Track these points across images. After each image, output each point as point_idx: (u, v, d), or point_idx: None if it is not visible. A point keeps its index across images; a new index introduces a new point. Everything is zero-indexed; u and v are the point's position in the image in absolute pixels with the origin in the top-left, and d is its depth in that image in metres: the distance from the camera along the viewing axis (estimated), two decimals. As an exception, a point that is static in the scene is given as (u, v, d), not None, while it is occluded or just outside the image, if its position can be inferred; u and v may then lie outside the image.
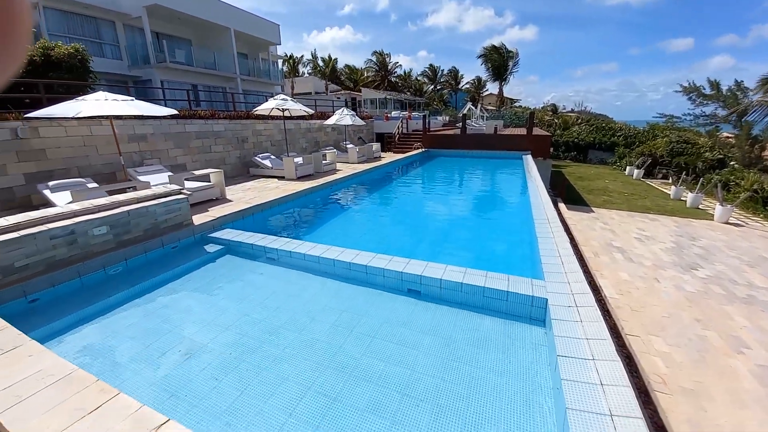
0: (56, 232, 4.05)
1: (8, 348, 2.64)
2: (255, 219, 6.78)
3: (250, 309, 3.68)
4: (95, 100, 6.16)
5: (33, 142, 7.20)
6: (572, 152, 24.71)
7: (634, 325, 5.08)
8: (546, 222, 5.52)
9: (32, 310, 3.62)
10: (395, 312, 3.56)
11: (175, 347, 3.07)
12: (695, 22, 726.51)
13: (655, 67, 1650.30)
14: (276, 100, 10.53)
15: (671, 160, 17.74)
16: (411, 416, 2.33)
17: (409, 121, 21.95)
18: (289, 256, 4.74)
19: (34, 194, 7.10)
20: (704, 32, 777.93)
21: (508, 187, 11.57)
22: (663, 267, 7.11)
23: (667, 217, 10.95)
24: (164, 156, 9.54)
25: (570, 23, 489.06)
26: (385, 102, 31.82)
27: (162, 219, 5.14)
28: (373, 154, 15.28)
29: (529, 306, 3.35)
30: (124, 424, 1.92)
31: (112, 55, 17.12)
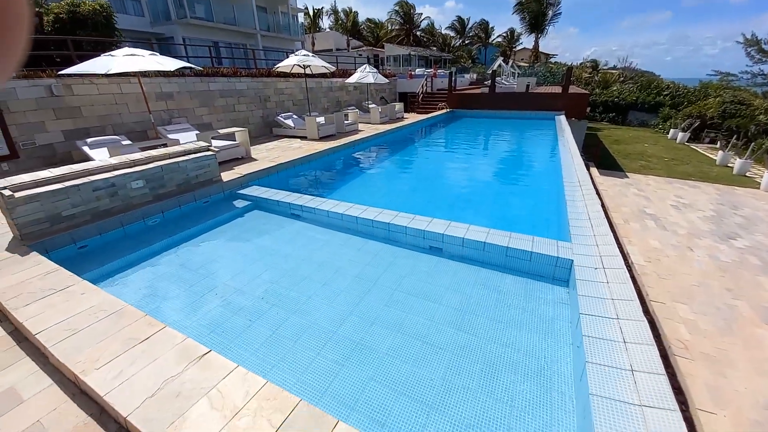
0: (98, 184, 4.29)
1: (61, 287, 2.91)
2: (280, 177, 6.90)
3: (277, 260, 3.86)
4: (124, 56, 6.21)
5: (68, 100, 7.45)
6: (611, 113, 22.99)
7: (660, 291, 4.95)
8: (577, 185, 5.29)
9: (82, 255, 3.95)
10: (417, 268, 3.64)
11: (211, 291, 3.30)
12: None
13: (714, 18, 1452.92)
14: (297, 57, 10.22)
15: (722, 123, 16.22)
16: (430, 361, 2.46)
17: (434, 79, 20.88)
18: (313, 212, 4.85)
19: (74, 150, 7.46)
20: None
21: (538, 149, 11.04)
22: (699, 236, 6.77)
23: (710, 184, 10.23)
24: (191, 115, 9.67)
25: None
26: (409, 59, 30.22)
27: (193, 175, 5.32)
28: (396, 114, 14.83)
29: (553, 266, 3.32)
30: (171, 352, 2.13)
31: (134, 12, 16.95)
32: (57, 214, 4.03)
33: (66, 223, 4.11)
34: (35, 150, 7.14)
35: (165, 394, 1.85)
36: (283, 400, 1.80)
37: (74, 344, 2.26)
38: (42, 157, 7.22)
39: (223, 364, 2.03)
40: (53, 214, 4.00)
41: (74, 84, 7.51)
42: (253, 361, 2.48)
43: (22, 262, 3.39)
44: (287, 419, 1.70)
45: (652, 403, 1.83)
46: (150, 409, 1.77)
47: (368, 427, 1.99)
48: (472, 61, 42.47)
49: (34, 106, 7.03)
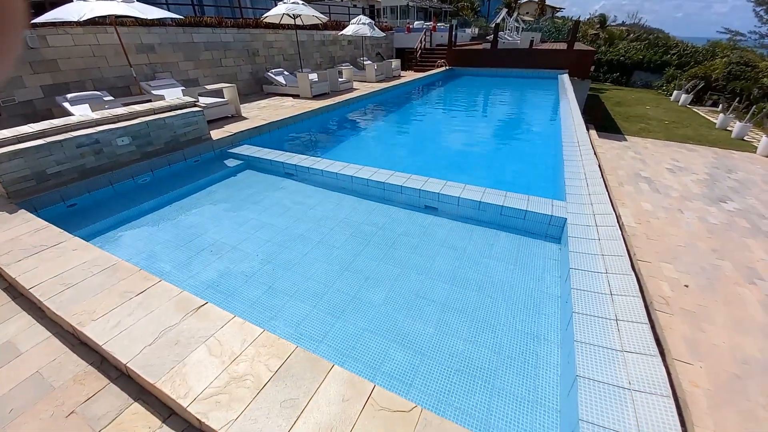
0: (82, 140, 4.13)
1: (52, 243, 2.87)
2: (272, 136, 6.70)
3: (272, 219, 3.85)
4: (97, 1, 5.72)
5: (44, 52, 6.98)
6: (615, 73, 22.21)
7: (647, 252, 5.04)
8: (575, 145, 5.22)
9: (72, 213, 3.89)
10: (412, 225, 3.65)
11: (206, 249, 3.31)
12: None
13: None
14: (286, 4, 9.51)
15: (726, 85, 15.79)
16: (423, 313, 2.54)
17: (434, 33, 19.75)
18: (307, 172, 4.76)
19: (54, 107, 7.11)
20: None
21: (540, 109, 10.75)
22: (690, 198, 6.82)
23: (707, 147, 10.16)
24: (175, 69, 9.15)
25: None
26: (407, 10, 28.35)
27: (181, 132, 5.13)
28: (393, 72, 14.17)
29: (546, 225, 3.35)
30: (168, 304, 2.17)
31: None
32: (42, 171, 3.91)
33: (53, 180, 4.00)
34: (15, 107, 6.80)
35: (163, 342, 1.90)
36: (279, 346, 1.86)
37: (70, 297, 2.27)
38: (23, 115, 6.90)
39: (219, 315, 2.08)
40: (39, 171, 3.88)
41: (49, 35, 6.99)
42: (250, 314, 2.54)
43: (11, 219, 3.32)
44: (284, 364, 1.76)
45: (634, 349, 1.93)
46: (150, 355, 1.83)
47: (363, 371, 2.09)
48: (474, 14, 39.99)
49: (8, 58, 6.59)
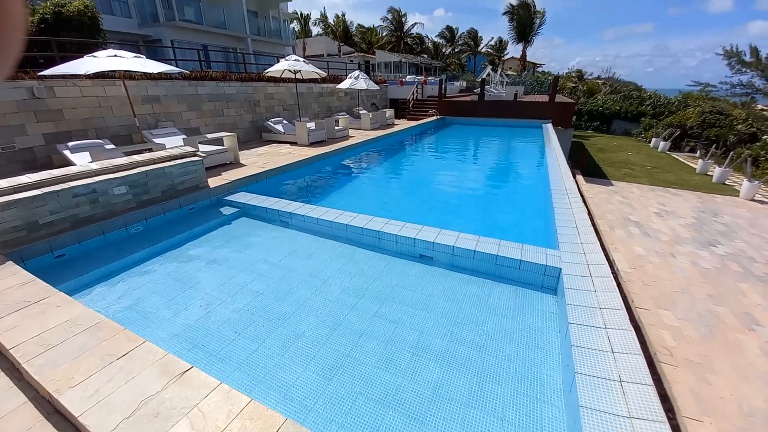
0: (79, 190, 4.15)
1: (36, 299, 2.77)
2: (269, 183, 6.81)
3: (265, 269, 3.79)
4: (106, 57, 6.09)
5: (50, 102, 7.24)
6: (595, 122, 23.58)
7: (645, 298, 5.04)
8: (564, 192, 5.37)
9: (59, 265, 3.80)
10: (407, 277, 3.61)
11: (195, 303, 3.21)
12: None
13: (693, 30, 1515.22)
14: (288, 62, 10.19)
15: (701, 132, 16.78)
16: (420, 373, 2.42)
17: (425, 86, 21.09)
18: (303, 220, 4.79)
19: (54, 155, 7.24)
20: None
21: (526, 157, 11.22)
22: (680, 243, 6.94)
23: (691, 192, 10.53)
24: (178, 119, 9.51)
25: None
26: (400, 65, 30.53)
27: (179, 180, 5.21)
28: (387, 120, 14.89)
29: (541, 275, 3.34)
30: (151, 369, 2.05)
31: (122, 13, 16.67)
32: (35, 221, 3.88)
33: (44, 230, 3.96)
34: (15, 154, 6.89)
35: (143, 414, 1.77)
36: (267, 419, 1.74)
37: (50, 360, 2.15)
38: (21, 162, 6.98)
39: (205, 382, 1.96)
40: (31, 221, 3.85)
41: (57, 86, 7.30)
42: (238, 377, 2.40)
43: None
44: (272, 439, 1.63)
45: (641, 415, 1.83)
46: (126, 430, 1.69)
47: (356, 444, 1.94)
48: (462, 69, 43.11)
49: (15, 109, 6.81)
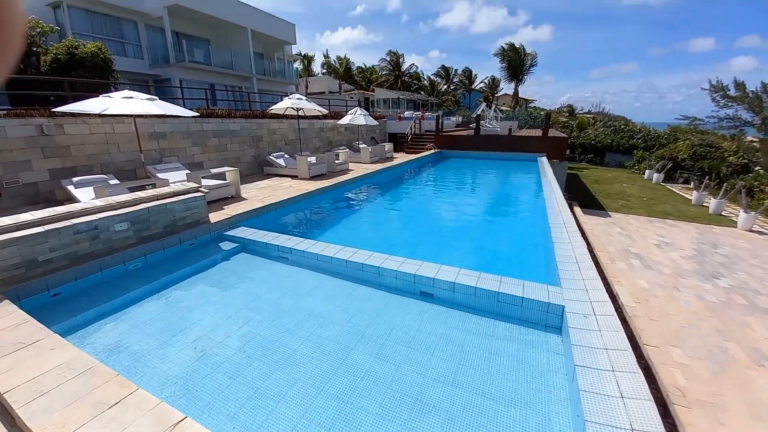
0: (81, 227, 4.17)
1: (30, 341, 2.72)
2: (269, 217, 6.86)
3: (263, 308, 3.72)
4: (122, 98, 6.30)
5: (58, 139, 7.43)
6: (589, 155, 24.21)
7: (652, 334, 4.98)
8: (562, 226, 5.41)
9: (54, 304, 3.73)
10: (408, 315, 3.55)
11: (191, 345, 3.12)
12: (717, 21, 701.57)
13: (676, 68, 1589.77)
14: (291, 100, 10.62)
15: (693, 164, 17.19)
16: (423, 423, 2.31)
17: (423, 121, 21.84)
18: (303, 255, 4.78)
19: (57, 189, 7.33)
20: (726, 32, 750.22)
21: (523, 190, 11.40)
22: (683, 275, 6.91)
23: (688, 223, 10.61)
24: (182, 154, 9.74)
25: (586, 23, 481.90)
26: (398, 102, 31.78)
27: (180, 216, 5.25)
28: (386, 154, 15.27)
29: (544, 313, 3.29)
30: (143, 420, 1.96)
31: (134, 54, 17.57)
32: (34, 258, 3.86)
33: (42, 268, 3.93)
34: (18, 189, 6.97)
35: (131, 471, 1.67)
36: (263, 476, 1.64)
37: (42, 407, 2.08)
38: (25, 196, 7.05)
39: (198, 433, 1.87)
40: (30, 258, 3.83)
41: (67, 123, 7.52)
42: (232, 427, 2.29)
43: None
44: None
45: (657, 469, 1.74)
46: (113, 490, 1.59)
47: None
48: (457, 105, 44.85)
49: (23, 145, 6.97)
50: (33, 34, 11.56)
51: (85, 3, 15.32)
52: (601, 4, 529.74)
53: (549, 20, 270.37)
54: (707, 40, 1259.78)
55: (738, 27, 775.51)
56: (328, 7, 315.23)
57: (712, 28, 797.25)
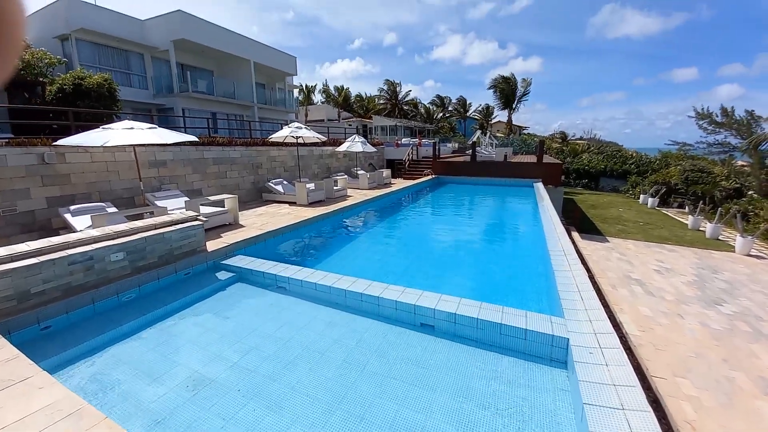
0: (75, 257, 4.11)
1: (19, 379, 2.62)
2: (267, 245, 6.81)
3: (259, 342, 3.61)
4: (123, 129, 6.39)
5: (59, 167, 7.47)
6: (583, 180, 24.60)
7: (659, 365, 4.89)
8: (562, 254, 5.40)
9: (45, 338, 3.62)
10: (408, 348, 3.45)
11: (183, 382, 3.00)
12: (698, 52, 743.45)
13: (662, 96, 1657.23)
14: (290, 128, 10.86)
15: (686, 189, 17.46)
16: (427, 467, 2.19)
17: (420, 147, 22.29)
18: (300, 285, 4.70)
19: (54, 218, 7.29)
20: (708, 62, 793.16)
21: (521, 215, 11.47)
22: (686, 302, 6.85)
23: (686, 248, 10.63)
24: (182, 181, 9.79)
25: (573, 55, 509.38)
26: (396, 129, 32.55)
27: (177, 245, 5.20)
28: (384, 180, 15.44)
29: (549, 346, 3.21)
30: (129, 470, 1.84)
31: (139, 85, 18.08)
32: (26, 290, 3.77)
33: (34, 300, 3.83)
34: (15, 217, 6.92)
35: None
36: None
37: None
38: (20, 224, 6.99)
39: (189, 484, 1.75)
40: (23, 290, 3.74)
41: (68, 152, 7.56)
42: (225, 474, 2.16)
43: None
44: None
45: None
46: None
47: None
48: (453, 132, 45.98)
49: (23, 174, 6.99)
50: (40, 65, 11.93)
51: (94, 36, 15.91)
52: (586, 38, 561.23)
53: (538, 53, 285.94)
54: (690, 70, 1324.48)
55: (719, 57, 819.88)
56: (327, 42, 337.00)
57: (694, 59, 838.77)
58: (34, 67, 11.72)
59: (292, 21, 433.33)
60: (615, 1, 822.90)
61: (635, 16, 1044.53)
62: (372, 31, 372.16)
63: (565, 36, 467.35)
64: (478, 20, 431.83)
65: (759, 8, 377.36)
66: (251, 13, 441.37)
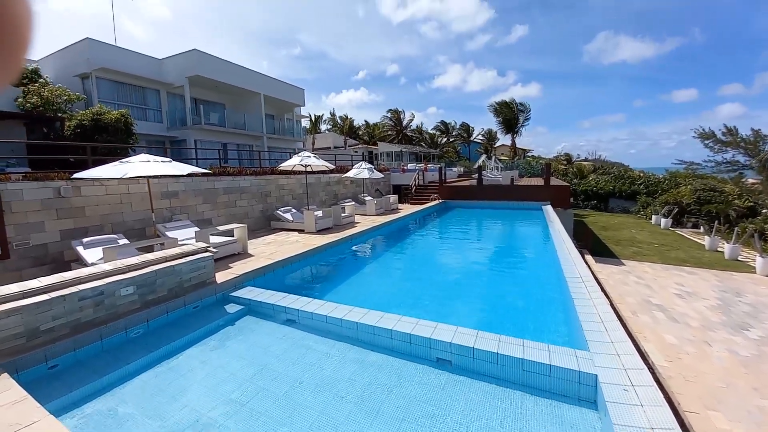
0: (86, 293, 4.08)
1: (26, 422, 2.56)
2: (276, 275, 6.73)
3: (268, 382, 3.46)
4: (139, 162, 6.56)
5: (74, 200, 7.60)
6: (592, 201, 24.38)
7: (691, 398, 4.64)
8: (580, 281, 5.22)
9: (52, 378, 3.52)
10: (425, 388, 3.26)
11: (191, 425, 2.85)
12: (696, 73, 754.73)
13: (664, 117, 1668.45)
14: (299, 157, 11.05)
15: (699, 209, 17.14)
16: None
17: (426, 172, 22.48)
18: (310, 318, 4.58)
19: (67, 250, 7.34)
20: (707, 83, 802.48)
21: (532, 239, 11.28)
22: (711, 328, 6.56)
23: (706, 270, 10.28)
24: (192, 211, 9.90)
25: (571, 80, 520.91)
26: (401, 155, 33.03)
27: (187, 278, 5.16)
28: (391, 206, 15.47)
29: (576, 383, 3.01)
30: None
31: (154, 119, 18.80)
32: (36, 327, 3.72)
33: (43, 337, 3.77)
34: (28, 250, 6.97)
35: None
36: None
37: None
38: (33, 258, 7.03)
39: None
40: (32, 328, 3.69)
41: (84, 186, 7.71)
42: None
43: None
44: None
45: None
46: None
47: None
48: (457, 156, 46.53)
49: (38, 207, 7.10)
50: (59, 101, 12.51)
51: (113, 75, 16.77)
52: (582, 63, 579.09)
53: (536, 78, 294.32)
54: (689, 91, 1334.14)
55: (718, 77, 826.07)
56: (333, 73, 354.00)
57: (692, 81, 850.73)
58: (53, 103, 12.29)
59: (300, 56, 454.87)
60: (608, 29, 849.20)
61: (629, 42, 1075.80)
62: (375, 63, 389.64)
63: (562, 62, 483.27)
64: (476, 51, 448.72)
65: (751, 30, 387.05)
66: (261, 49, 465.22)
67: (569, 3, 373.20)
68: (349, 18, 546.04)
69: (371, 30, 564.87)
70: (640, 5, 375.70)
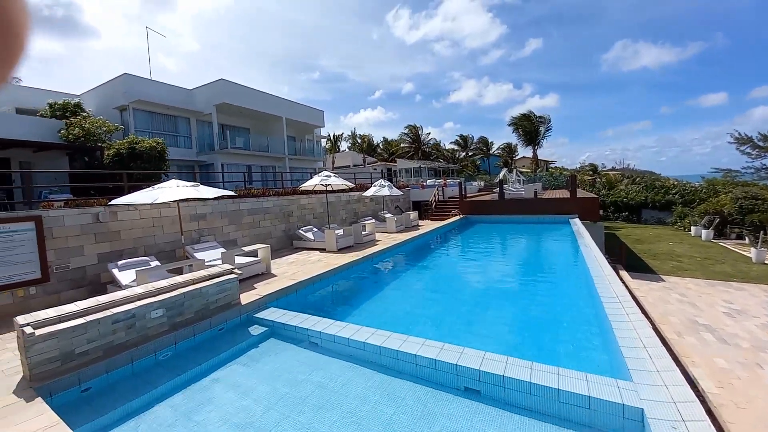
0: (119, 316, 4.22)
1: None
2: (298, 295, 6.76)
3: (291, 408, 3.40)
4: (170, 188, 6.87)
5: (111, 225, 8.03)
6: (623, 212, 23.27)
7: (743, 427, 4.26)
8: (616, 300, 4.90)
9: (84, 401, 3.61)
10: (453, 420, 3.08)
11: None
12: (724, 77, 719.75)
13: (693, 122, 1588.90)
14: (320, 177, 11.27)
15: (743, 218, 15.99)
16: None
17: (445, 188, 22.32)
18: (333, 341, 4.51)
19: (103, 272, 7.71)
20: (736, 86, 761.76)
21: (560, 255, 10.81)
22: (764, 348, 6.00)
23: (755, 285, 9.47)
24: (219, 232, 10.22)
25: (590, 89, 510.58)
26: (420, 171, 33.07)
27: (213, 299, 5.26)
28: (411, 222, 15.37)
29: (620, 418, 2.76)
30: None
31: (184, 145, 19.87)
32: (71, 351, 3.86)
33: (77, 361, 3.90)
34: (66, 273, 7.34)
35: None
36: None
37: None
38: (71, 280, 7.41)
39: None
40: (67, 351, 3.83)
41: (120, 211, 8.17)
42: None
43: (26, 410, 3.18)
44: None
45: None
46: None
47: None
48: (477, 170, 46.05)
49: (78, 232, 7.53)
50: (99, 132, 13.47)
51: (148, 106, 17.99)
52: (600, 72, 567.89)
53: (554, 90, 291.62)
54: (719, 95, 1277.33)
55: (747, 80, 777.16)
56: (351, 94, 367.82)
57: (721, 84, 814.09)
58: (93, 134, 13.25)
59: (319, 79, 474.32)
60: (626, 37, 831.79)
61: (650, 48, 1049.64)
62: (391, 82, 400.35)
63: (580, 73, 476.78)
64: (490, 65, 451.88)
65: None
66: (283, 75, 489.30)
67: (580, 15, 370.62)
68: (365, 42, 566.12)
69: (386, 52, 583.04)
70: (653, 12, 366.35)
